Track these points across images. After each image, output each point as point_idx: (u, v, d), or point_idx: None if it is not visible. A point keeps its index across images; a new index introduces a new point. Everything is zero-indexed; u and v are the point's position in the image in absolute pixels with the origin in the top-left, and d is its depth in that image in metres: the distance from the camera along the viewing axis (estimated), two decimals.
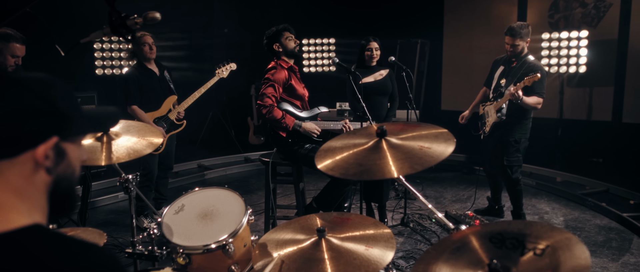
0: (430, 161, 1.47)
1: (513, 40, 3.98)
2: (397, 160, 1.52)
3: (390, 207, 4.62)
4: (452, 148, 1.54)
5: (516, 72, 4.02)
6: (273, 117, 3.33)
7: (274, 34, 3.59)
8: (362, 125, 3.42)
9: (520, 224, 1.30)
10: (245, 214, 1.95)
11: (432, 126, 1.70)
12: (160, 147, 4.09)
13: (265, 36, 3.62)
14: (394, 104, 4.25)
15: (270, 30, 3.61)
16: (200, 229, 1.90)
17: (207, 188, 2.15)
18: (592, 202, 4.74)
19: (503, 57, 4.25)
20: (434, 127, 1.69)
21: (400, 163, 1.50)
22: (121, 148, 1.84)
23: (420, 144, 1.57)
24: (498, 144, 4.14)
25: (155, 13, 1.66)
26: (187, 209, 1.99)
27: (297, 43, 3.63)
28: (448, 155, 1.51)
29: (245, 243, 1.95)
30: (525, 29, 3.98)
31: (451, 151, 1.53)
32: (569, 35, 6.19)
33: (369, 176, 1.46)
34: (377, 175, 1.46)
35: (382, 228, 1.83)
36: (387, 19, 7.93)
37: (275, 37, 3.58)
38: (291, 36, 3.60)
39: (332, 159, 1.60)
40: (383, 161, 1.52)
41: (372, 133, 1.64)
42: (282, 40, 3.57)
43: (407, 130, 1.68)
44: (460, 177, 6.16)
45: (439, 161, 1.48)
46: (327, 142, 1.75)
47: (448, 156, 1.51)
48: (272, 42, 3.59)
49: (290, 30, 3.61)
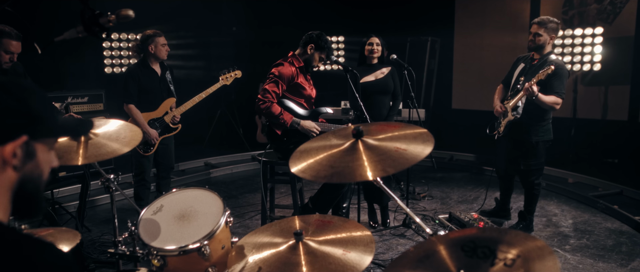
0: (405, 163, 1.41)
1: (537, 29, 3.77)
2: (371, 162, 1.46)
3: (392, 208, 4.54)
4: (429, 149, 1.47)
5: (537, 69, 3.84)
6: (271, 112, 3.30)
7: (319, 41, 3.51)
8: None
9: (494, 232, 1.24)
10: (222, 216, 1.91)
11: (413, 126, 1.63)
12: (151, 148, 4.08)
13: (311, 36, 3.53)
14: (396, 103, 4.16)
15: (320, 34, 3.54)
16: (176, 230, 1.87)
17: (186, 188, 2.12)
18: (604, 204, 4.58)
19: (525, 55, 4.08)
20: (414, 127, 1.62)
21: (374, 165, 1.44)
22: (97, 147, 1.82)
23: (397, 145, 1.50)
24: (515, 146, 3.98)
25: (128, 11, 1.63)
26: (165, 210, 1.96)
27: (319, 66, 3.59)
28: (424, 156, 1.44)
29: (223, 245, 1.91)
30: (552, 23, 3.77)
31: (428, 152, 1.47)
32: (583, 32, 6.02)
33: (339, 178, 1.40)
34: (348, 177, 1.40)
35: (363, 231, 1.77)
36: (397, 16, 7.82)
37: (318, 45, 3.51)
38: (324, 58, 3.58)
39: (306, 161, 1.55)
40: (356, 163, 1.46)
41: (349, 134, 1.58)
42: (317, 52, 3.52)
43: (387, 130, 1.61)
44: (469, 177, 6.04)
45: (414, 163, 1.42)
46: (305, 143, 1.70)
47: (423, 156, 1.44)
48: (311, 43, 3.52)
49: (330, 54, 3.59)
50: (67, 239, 1.65)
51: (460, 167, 6.50)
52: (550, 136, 3.92)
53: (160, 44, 4.02)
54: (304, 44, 3.53)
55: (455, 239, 1.23)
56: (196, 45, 7.68)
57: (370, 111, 4.04)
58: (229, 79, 4.29)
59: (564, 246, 3.75)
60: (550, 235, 3.99)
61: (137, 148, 4.02)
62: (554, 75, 3.71)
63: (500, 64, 4.34)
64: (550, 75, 3.69)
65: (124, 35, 6.74)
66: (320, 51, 3.50)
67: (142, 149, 4.04)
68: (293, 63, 3.49)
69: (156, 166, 4.29)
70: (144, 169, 4.10)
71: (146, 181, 4.16)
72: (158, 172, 4.34)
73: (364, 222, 4.34)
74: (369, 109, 4.04)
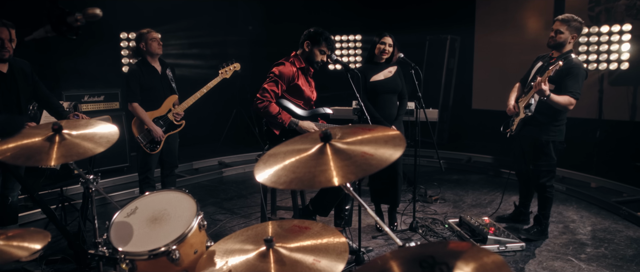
0: (368, 169, 1.32)
1: (560, 25, 3.63)
2: (337, 167, 1.38)
3: (401, 211, 4.42)
4: (399, 153, 1.38)
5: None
6: (269, 112, 3.24)
7: (315, 36, 3.43)
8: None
9: (454, 246, 1.14)
10: (195, 219, 1.86)
11: (386, 129, 1.53)
12: (157, 146, 4.10)
13: (307, 33, 3.47)
14: (404, 102, 4.04)
15: (316, 29, 3.47)
16: (148, 233, 1.83)
17: (163, 191, 2.08)
18: (627, 211, 4.34)
19: (545, 54, 3.92)
20: (388, 129, 1.53)
21: (339, 170, 1.36)
22: (70, 147, 1.80)
23: (365, 149, 1.42)
24: (527, 144, 3.83)
25: (95, 9, 1.60)
26: (139, 212, 1.93)
27: (323, 61, 3.50)
28: (392, 161, 1.35)
29: (196, 250, 1.86)
30: (576, 22, 3.63)
31: (397, 156, 1.37)
32: (610, 29, 5.72)
33: (299, 185, 1.33)
34: (309, 184, 1.32)
35: (338, 238, 1.69)
36: (417, 15, 7.65)
37: (314, 39, 3.44)
38: (325, 51, 3.47)
39: (271, 166, 1.48)
40: (319, 168, 1.38)
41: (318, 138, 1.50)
42: (316, 47, 3.44)
43: (359, 134, 1.53)
44: (485, 180, 5.84)
45: (380, 168, 1.33)
46: (274, 147, 1.63)
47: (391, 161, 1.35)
48: (306, 39, 3.46)
49: (330, 47, 3.48)
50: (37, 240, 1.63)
51: (477, 169, 6.30)
52: (562, 137, 3.75)
53: (149, 38, 4.03)
54: (301, 43, 3.47)
55: (415, 254, 1.14)
56: (212, 44, 7.71)
57: (380, 111, 3.94)
58: (229, 73, 4.30)
59: (579, 255, 3.56)
60: (565, 242, 3.80)
61: (143, 147, 4.05)
62: (568, 74, 3.53)
63: (523, 63, 4.16)
64: (563, 74, 3.52)
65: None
66: (318, 45, 3.41)
67: (149, 147, 4.06)
68: (294, 63, 3.42)
69: (161, 164, 4.31)
70: (149, 168, 4.12)
71: (151, 179, 4.18)
72: (162, 170, 4.36)
73: (370, 225, 4.24)
74: (378, 109, 3.95)
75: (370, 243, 3.86)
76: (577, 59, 3.63)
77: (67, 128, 1.91)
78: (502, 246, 3.63)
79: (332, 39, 3.47)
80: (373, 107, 3.95)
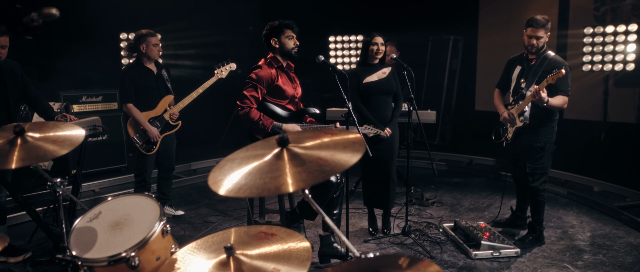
0: (321, 176, 1.26)
1: (536, 32, 3.58)
2: (291, 173, 1.32)
3: (395, 214, 4.34)
4: (356, 158, 1.31)
5: (536, 70, 3.63)
6: (250, 118, 3.17)
7: (275, 27, 3.34)
8: (348, 128, 3.18)
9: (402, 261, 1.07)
10: (157, 224, 1.81)
11: (347, 132, 1.47)
12: (154, 147, 4.07)
13: (266, 28, 3.39)
14: (398, 104, 3.96)
15: (272, 22, 3.38)
16: (108, 239, 1.79)
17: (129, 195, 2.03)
18: (628, 216, 4.21)
19: (518, 56, 3.87)
20: (348, 133, 1.46)
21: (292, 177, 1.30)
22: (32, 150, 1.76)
23: (321, 154, 1.35)
24: (523, 149, 3.76)
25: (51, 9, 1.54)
26: (102, 217, 1.89)
27: (297, 45, 3.39)
28: (348, 167, 1.29)
29: (158, 256, 1.81)
30: (548, 21, 3.62)
31: (355, 161, 1.31)
32: (616, 29, 5.57)
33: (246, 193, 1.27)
34: (259, 191, 1.26)
35: (304, 245, 1.63)
36: (419, 15, 7.55)
37: (275, 32, 3.34)
38: (292, 35, 3.36)
39: (224, 173, 1.43)
40: (272, 175, 1.32)
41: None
42: (281, 38, 3.34)
43: (320, 137, 1.46)
44: (485, 183, 5.73)
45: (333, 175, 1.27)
46: (234, 152, 1.58)
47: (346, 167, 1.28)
48: (270, 36, 3.35)
49: (293, 29, 3.36)
50: None
51: (479, 172, 6.18)
52: (554, 137, 3.72)
53: (152, 43, 4.01)
54: (268, 43, 3.38)
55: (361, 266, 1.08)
56: (212, 44, 7.67)
57: (374, 113, 3.87)
58: (224, 73, 4.27)
59: (576, 262, 3.45)
60: (562, 249, 3.69)
61: (139, 148, 4.03)
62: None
63: None
64: (559, 78, 3.44)
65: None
66: (282, 34, 3.32)
67: (145, 148, 4.04)
68: (272, 64, 3.34)
69: (157, 166, 4.29)
70: (145, 169, 4.10)
71: (146, 182, 4.16)
72: (159, 172, 4.33)
73: (363, 229, 4.17)
74: (372, 111, 3.88)
75: (361, 247, 3.79)
76: (556, 56, 3.64)
77: (31, 131, 1.87)
78: (496, 252, 3.53)
79: (291, 22, 3.37)
80: (367, 108, 3.88)
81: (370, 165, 3.92)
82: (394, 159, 3.89)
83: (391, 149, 3.85)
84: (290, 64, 3.47)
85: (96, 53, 6.34)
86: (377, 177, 3.94)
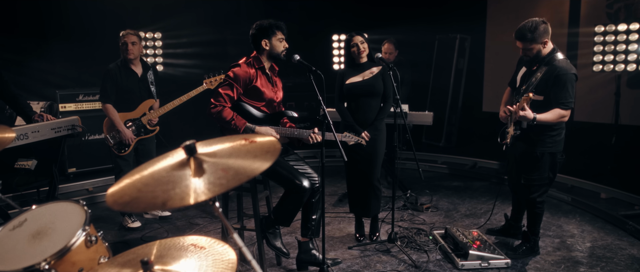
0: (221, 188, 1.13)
1: (523, 45, 3.30)
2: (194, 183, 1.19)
3: (382, 218, 4.18)
4: (266, 166, 1.18)
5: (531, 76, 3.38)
6: (222, 117, 3.04)
7: (266, 28, 3.17)
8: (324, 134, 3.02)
9: None
10: (79, 233, 1.71)
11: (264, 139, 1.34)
12: (126, 149, 4.00)
13: (255, 27, 3.21)
14: (386, 106, 3.79)
15: (262, 21, 3.21)
16: (26, 249, 1.69)
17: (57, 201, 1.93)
18: (633, 226, 3.95)
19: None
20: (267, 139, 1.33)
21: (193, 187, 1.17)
22: None
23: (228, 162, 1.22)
24: (519, 156, 3.54)
25: None
26: (26, 225, 1.79)
27: (286, 47, 3.23)
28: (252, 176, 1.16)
29: (81, 268, 1.70)
30: (538, 29, 3.23)
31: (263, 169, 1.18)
32: (629, 27, 5.27)
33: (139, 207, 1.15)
34: (152, 205, 1.14)
35: (229, 259, 1.51)
36: (425, 13, 7.33)
37: (266, 33, 3.17)
38: (283, 37, 3.20)
39: (125, 183, 1.31)
40: (168, 185, 1.20)
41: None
42: (273, 39, 3.17)
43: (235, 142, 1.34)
44: (486, 187, 5.50)
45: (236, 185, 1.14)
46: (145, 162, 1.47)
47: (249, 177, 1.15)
48: (260, 37, 3.18)
49: (283, 31, 3.22)
50: None
51: (481, 175, 5.94)
52: (559, 147, 3.40)
53: (121, 42, 3.95)
54: (256, 43, 3.22)
55: None
56: (212, 43, 7.59)
57: (356, 115, 3.72)
58: (214, 83, 4.10)
59: None
60: (557, 260, 3.47)
61: (111, 148, 3.97)
62: (556, 84, 3.19)
63: None
64: (550, 83, 3.22)
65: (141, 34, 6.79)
66: (271, 35, 3.15)
67: (117, 149, 3.98)
68: (253, 65, 3.19)
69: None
70: (121, 169, 4.04)
71: None
72: None
73: (350, 235, 4.03)
74: (355, 113, 3.73)
75: (345, 254, 3.64)
76: (562, 60, 3.26)
77: None
78: (485, 263, 3.34)
79: (282, 23, 3.22)
80: (350, 110, 3.74)
81: (351, 171, 3.79)
82: (375, 164, 3.70)
83: (371, 155, 3.66)
84: (274, 66, 3.32)
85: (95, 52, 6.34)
86: (357, 184, 3.79)
